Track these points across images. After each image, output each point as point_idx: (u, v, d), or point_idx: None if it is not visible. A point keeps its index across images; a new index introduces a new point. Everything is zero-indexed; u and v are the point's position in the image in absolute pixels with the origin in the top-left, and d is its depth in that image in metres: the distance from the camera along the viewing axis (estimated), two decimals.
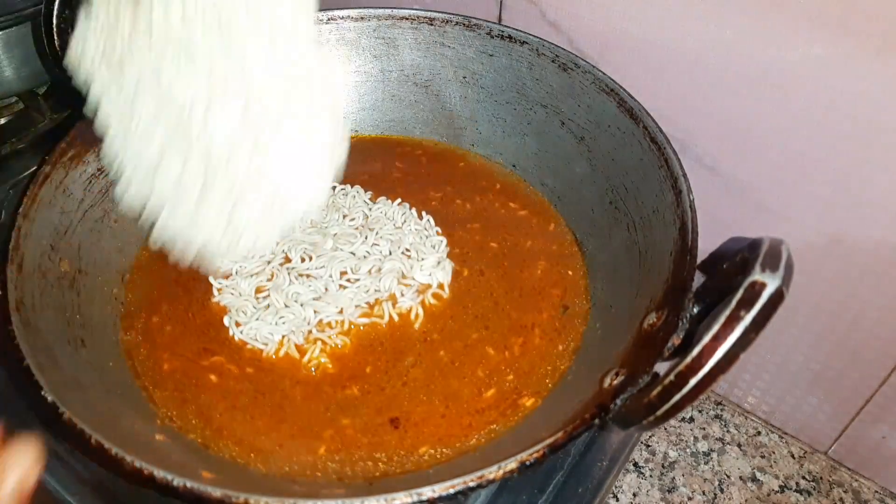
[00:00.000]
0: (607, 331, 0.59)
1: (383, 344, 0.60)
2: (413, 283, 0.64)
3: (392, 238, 0.67)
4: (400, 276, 0.64)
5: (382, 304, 0.62)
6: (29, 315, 0.52)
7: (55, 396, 0.45)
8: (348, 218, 0.69)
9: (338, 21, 0.75)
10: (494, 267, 0.67)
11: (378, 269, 0.64)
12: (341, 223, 0.69)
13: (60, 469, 0.57)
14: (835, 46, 0.53)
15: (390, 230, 0.68)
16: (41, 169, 0.58)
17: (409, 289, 0.64)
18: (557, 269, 0.66)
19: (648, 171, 0.60)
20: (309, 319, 0.61)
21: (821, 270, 0.63)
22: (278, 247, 0.66)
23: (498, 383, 0.58)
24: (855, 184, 0.58)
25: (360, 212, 0.70)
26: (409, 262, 0.65)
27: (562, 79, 0.68)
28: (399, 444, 0.54)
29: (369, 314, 0.62)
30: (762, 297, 0.39)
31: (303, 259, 0.65)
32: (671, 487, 0.71)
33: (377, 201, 0.72)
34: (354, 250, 0.66)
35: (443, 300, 0.64)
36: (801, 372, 0.70)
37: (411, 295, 0.63)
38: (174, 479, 0.40)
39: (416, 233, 0.68)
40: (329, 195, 0.70)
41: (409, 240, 0.67)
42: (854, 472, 0.72)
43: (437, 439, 0.54)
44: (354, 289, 0.63)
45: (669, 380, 0.40)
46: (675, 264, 0.53)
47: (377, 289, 0.63)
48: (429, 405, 0.56)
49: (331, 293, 0.62)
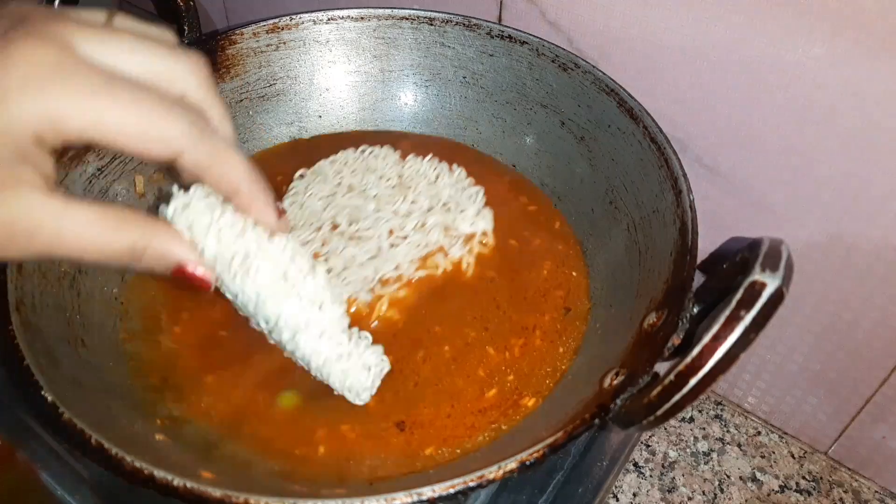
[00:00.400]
0: (607, 331, 0.59)
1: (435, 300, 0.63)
2: (458, 234, 0.67)
3: (430, 193, 0.69)
4: (444, 229, 0.66)
5: (435, 257, 0.65)
6: (29, 315, 0.52)
7: (55, 396, 0.45)
8: (384, 178, 0.71)
9: (338, 21, 0.75)
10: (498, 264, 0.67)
11: (422, 225, 0.67)
12: (378, 184, 0.71)
13: (60, 469, 0.57)
14: (835, 46, 0.53)
15: (426, 186, 0.70)
16: None
17: (456, 240, 0.66)
18: (562, 269, 0.67)
19: (648, 171, 0.60)
20: (370, 278, 0.63)
21: (821, 270, 0.63)
22: (325, 214, 0.68)
23: (499, 383, 0.58)
24: (855, 184, 0.58)
25: (394, 172, 0.72)
26: (450, 214, 0.67)
27: (562, 79, 0.68)
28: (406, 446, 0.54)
29: (424, 267, 0.64)
30: (762, 297, 0.39)
31: (350, 223, 0.67)
32: (671, 487, 0.71)
33: (406, 160, 0.73)
34: (396, 209, 0.68)
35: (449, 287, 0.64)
36: (801, 372, 0.70)
37: (459, 245, 0.66)
38: (174, 478, 0.40)
39: (452, 186, 0.70)
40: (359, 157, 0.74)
41: (446, 193, 0.69)
42: (854, 472, 0.72)
43: (443, 440, 0.54)
44: (406, 245, 0.65)
45: (669, 380, 0.40)
46: (675, 264, 0.53)
47: (426, 243, 0.65)
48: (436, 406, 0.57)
49: (384, 252, 0.64)
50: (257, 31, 0.73)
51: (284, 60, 0.75)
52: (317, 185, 0.71)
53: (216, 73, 0.72)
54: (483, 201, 0.70)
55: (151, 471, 0.41)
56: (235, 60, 0.73)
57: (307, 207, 0.69)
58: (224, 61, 0.73)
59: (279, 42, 0.74)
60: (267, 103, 0.76)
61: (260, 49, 0.74)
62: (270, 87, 0.76)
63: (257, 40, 0.73)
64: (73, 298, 0.58)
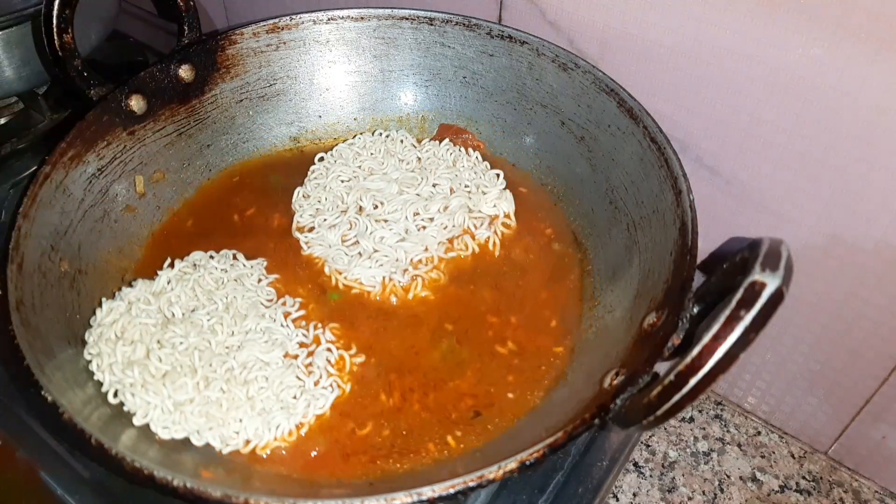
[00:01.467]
0: (607, 331, 0.59)
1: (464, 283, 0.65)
2: (482, 216, 0.68)
3: (449, 176, 0.71)
4: (467, 211, 0.68)
5: (463, 238, 0.67)
6: (29, 315, 0.52)
7: (55, 396, 0.45)
8: (404, 162, 0.73)
9: (338, 21, 0.75)
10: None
11: (446, 207, 0.68)
12: (399, 167, 0.72)
13: (61, 469, 0.57)
14: (834, 47, 0.53)
15: (445, 169, 0.72)
16: (41, 169, 0.58)
17: (481, 221, 0.68)
18: (560, 268, 0.67)
19: (648, 171, 0.60)
20: (403, 260, 0.65)
21: (821, 270, 0.63)
22: (350, 196, 0.70)
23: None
24: (855, 184, 0.58)
25: (413, 155, 0.73)
26: (472, 196, 0.69)
27: (562, 79, 0.68)
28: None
29: (451, 248, 0.66)
30: (762, 297, 0.39)
31: (375, 206, 0.69)
32: (671, 487, 0.71)
33: (423, 143, 0.75)
34: (420, 192, 0.70)
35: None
36: (801, 372, 0.70)
37: (485, 227, 0.68)
38: (174, 478, 0.40)
39: (470, 169, 0.72)
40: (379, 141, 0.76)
41: (465, 176, 0.71)
42: (854, 472, 0.72)
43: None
44: (433, 227, 0.67)
45: (669, 380, 0.40)
46: (675, 264, 0.53)
47: (453, 225, 0.67)
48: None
49: (412, 234, 0.66)
50: (257, 31, 0.73)
51: (284, 60, 0.75)
52: (337, 167, 0.72)
53: (216, 72, 0.72)
54: (504, 184, 0.71)
55: (151, 470, 0.41)
56: (235, 60, 0.73)
57: (331, 190, 0.71)
58: (224, 61, 0.73)
59: (279, 42, 0.74)
60: (267, 103, 0.76)
61: (260, 49, 0.74)
62: (270, 86, 0.76)
63: (257, 40, 0.73)
64: (73, 298, 0.58)
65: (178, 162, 0.72)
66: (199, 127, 0.73)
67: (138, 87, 0.66)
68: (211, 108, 0.73)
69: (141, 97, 0.66)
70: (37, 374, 0.46)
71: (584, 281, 0.65)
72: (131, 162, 0.67)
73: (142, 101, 0.67)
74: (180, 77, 0.70)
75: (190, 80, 0.70)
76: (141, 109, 0.67)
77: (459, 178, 0.71)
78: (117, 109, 0.65)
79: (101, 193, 0.64)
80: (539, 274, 0.66)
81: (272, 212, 0.71)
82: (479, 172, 0.72)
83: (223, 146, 0.75)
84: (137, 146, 0.67)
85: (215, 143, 0.74)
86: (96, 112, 0.63)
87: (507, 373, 0.59)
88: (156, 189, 0.70)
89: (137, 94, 0.66)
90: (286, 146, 0.78)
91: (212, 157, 0.74)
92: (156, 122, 0.69)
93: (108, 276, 0.63)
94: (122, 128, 0.66)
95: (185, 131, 0.72)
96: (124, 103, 0.65)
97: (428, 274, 0.65)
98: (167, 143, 0.70)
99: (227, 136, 0.75)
